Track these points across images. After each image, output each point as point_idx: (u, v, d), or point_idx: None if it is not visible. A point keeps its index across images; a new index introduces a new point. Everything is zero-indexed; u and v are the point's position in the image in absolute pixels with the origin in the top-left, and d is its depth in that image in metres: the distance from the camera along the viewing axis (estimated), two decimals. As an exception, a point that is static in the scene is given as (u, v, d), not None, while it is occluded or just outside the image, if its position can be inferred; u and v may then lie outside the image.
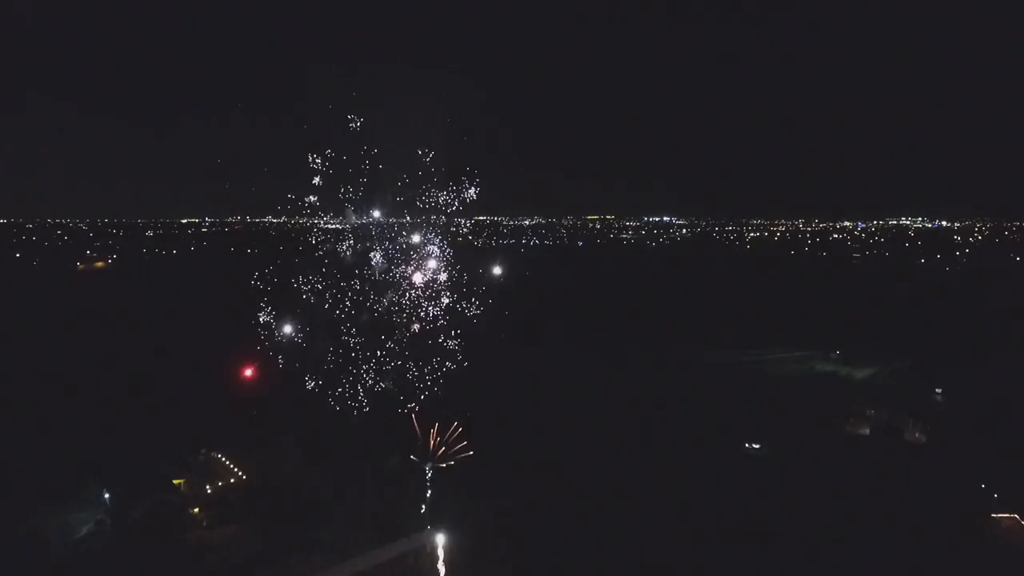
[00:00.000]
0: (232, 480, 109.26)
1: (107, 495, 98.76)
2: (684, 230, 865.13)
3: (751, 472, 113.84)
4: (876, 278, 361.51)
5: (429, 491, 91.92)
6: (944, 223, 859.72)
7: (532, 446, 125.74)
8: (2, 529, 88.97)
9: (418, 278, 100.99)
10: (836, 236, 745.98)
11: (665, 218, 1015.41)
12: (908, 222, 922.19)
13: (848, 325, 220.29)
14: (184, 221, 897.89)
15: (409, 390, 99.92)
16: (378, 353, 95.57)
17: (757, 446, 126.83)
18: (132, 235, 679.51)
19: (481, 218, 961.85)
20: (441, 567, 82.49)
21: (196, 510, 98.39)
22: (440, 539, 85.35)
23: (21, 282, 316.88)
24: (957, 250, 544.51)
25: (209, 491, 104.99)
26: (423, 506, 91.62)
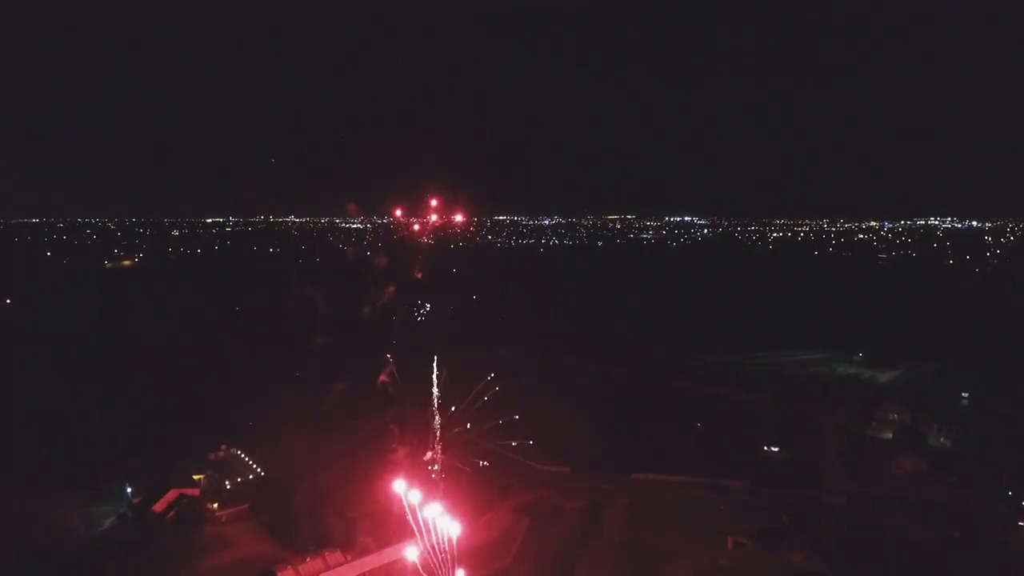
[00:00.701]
0: (251, 476, 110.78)
1: (129, 489, 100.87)
2: (706, 230, 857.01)
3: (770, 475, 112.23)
4: (902, 279, 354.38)
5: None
6: (975, 223, 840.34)
7: (547, 445, 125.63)
8: (29, 520, 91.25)
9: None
10: (862, 236, 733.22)
11: (686, 218, 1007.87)
12: (937, 222, 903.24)
13: (872, 327, 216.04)
14: (209, 220, 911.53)
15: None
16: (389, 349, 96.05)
17: (776, 449, 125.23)
18: (159, 234, 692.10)
19: (501, 218, 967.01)
20: (453, 566, 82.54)
21: (215, 505, 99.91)
22: (452, 539, 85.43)
23: (51, 280, 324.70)
24: (988, 251, 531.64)
25: (228, 486, 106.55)
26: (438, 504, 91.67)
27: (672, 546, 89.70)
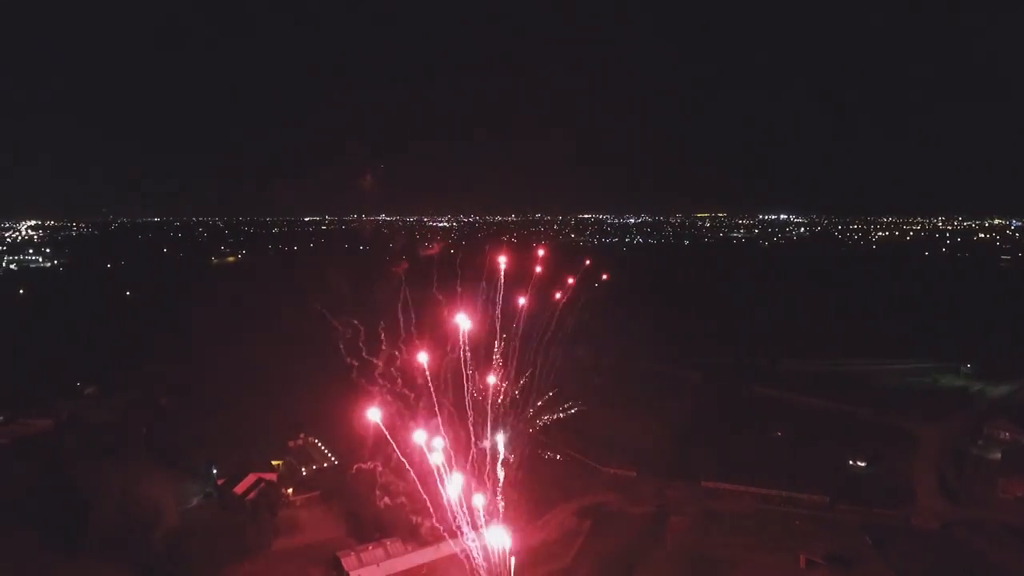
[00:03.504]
0: (325, 464, 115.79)
1: (215, 471, 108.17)
2: (802, 228, 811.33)
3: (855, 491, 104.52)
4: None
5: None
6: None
7: (614, 446, 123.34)
8: (129, 494, 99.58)
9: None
10: (983, 236, 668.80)
11: (782, 216, 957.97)
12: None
13: (985, 336, 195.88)
14: (307, 219, 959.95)
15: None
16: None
17: (863, 464, 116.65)
18: (261, 232, 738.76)
19: (585, 216, 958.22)
20: (510, 561, 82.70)
21: (290, 490, 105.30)
22: (509, 534, 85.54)
23: (165, 274, 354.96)
24: None
25: (304, 473, 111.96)
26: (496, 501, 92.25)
27: (739, 559, 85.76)
